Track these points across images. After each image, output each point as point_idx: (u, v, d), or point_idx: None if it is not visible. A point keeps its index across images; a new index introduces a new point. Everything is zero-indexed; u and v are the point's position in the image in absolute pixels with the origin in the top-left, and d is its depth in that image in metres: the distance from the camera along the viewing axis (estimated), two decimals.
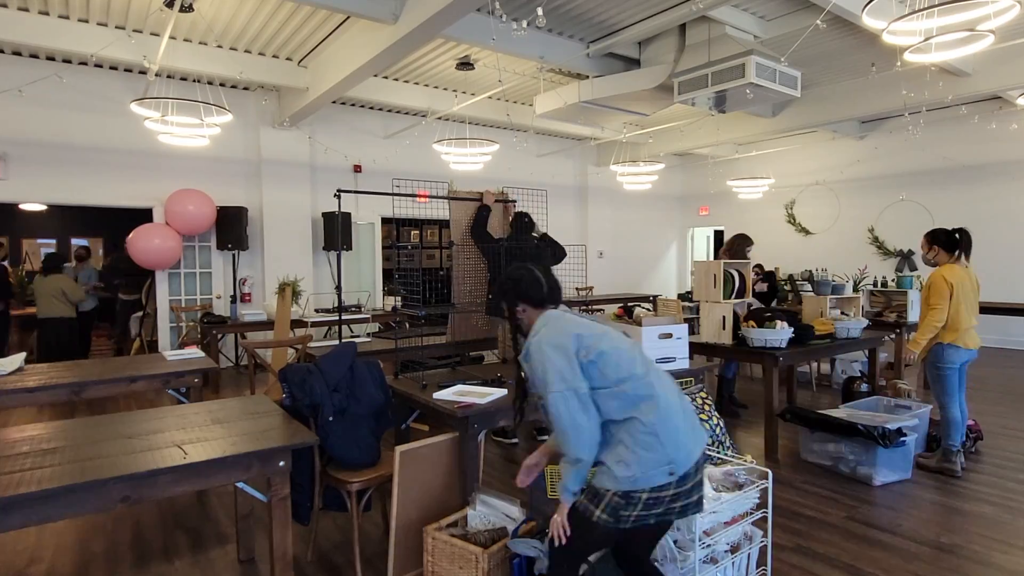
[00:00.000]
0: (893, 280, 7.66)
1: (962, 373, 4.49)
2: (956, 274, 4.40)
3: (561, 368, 2.21)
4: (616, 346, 2.28)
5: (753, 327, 5.04)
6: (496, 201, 5.14)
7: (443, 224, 11.82)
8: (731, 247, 6.19)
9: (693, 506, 2.26)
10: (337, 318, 6.39)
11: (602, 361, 2.23)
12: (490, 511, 3.01)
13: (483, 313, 5.20)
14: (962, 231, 4.50)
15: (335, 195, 4.17)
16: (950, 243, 4.49)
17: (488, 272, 5.14)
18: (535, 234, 5.19)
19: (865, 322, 5.79)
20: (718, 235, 14.67)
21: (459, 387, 3.57)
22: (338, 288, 4.61)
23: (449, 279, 5.15)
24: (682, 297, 8.54)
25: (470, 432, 3.18)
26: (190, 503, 4.13)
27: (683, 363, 4.24)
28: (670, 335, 4.20)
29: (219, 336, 7.65)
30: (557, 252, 5.31)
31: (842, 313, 6.21)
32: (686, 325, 4.33)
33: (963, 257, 4.51)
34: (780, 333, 4.96)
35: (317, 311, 8.31)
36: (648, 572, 2.44)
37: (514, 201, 5.21)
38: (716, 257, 5.89)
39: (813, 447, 4.72)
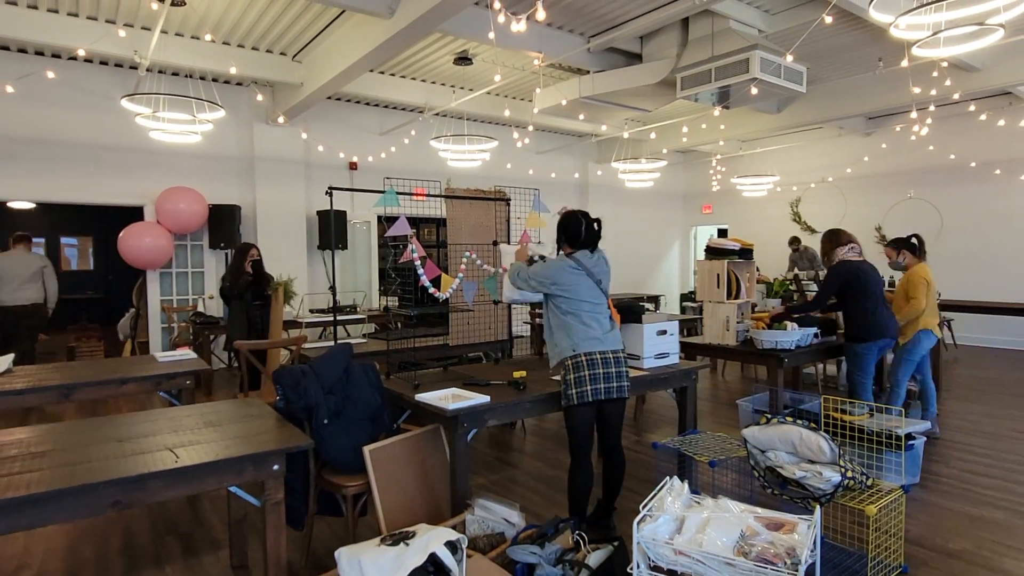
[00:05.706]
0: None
1: (926, 356, 5.31)
2: (929, 273, 5.26)
3: None
4: None
5: (763, 328, 5.09)
6: (488, 200, 5.12)
7: (440, 223, 11.85)
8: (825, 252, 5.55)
9: None
10: (332, 319, 6.39)
11: None
12: (489, 516, 3.01)
13: (477, 311, 5.19)
14: (918, 236, 5.42)
15: (327, 192, 4.17)
16: (915, 248, 5.37)
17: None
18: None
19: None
20: (721, 234, 14.66)
21: (449, 390, 3.54)
22: (332, 288, 4.61)
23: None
24: (685, 297, 8.54)
25: (459, 431, 3.19)
26: (182, 508, 4.14)
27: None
28: (665, 332, 4.33)
29: (211, 337, 7.65)
30: None
31: None
32: (677, 321, 4.45)
33: (924, 257, 5.41)
34: (790, 335, 5.04)
35: (312, 311, 8.30)
36: None
37: (508, 200, 5.20)
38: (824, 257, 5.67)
39: None
